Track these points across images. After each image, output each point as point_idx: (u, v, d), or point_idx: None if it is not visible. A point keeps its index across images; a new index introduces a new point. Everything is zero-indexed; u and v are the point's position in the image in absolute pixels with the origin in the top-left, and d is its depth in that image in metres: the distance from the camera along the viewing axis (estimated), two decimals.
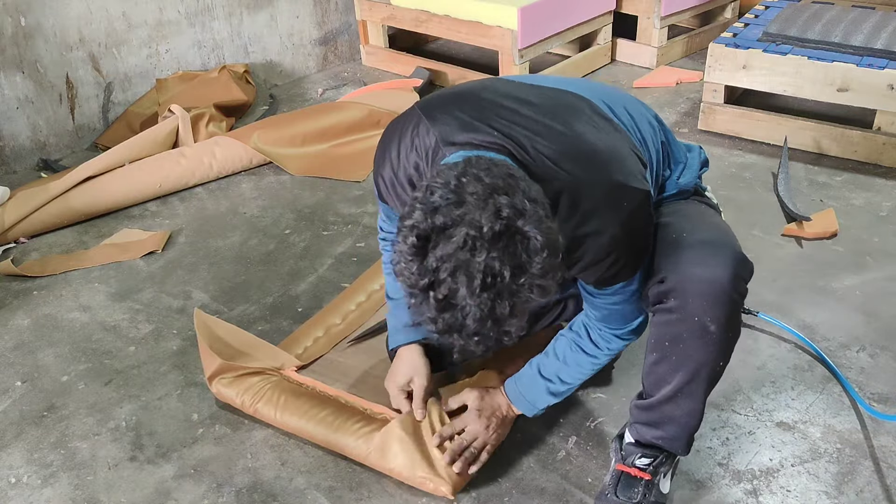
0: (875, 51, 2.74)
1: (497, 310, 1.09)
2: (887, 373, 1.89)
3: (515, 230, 1.08)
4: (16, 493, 1.67)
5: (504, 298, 1.09)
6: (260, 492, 1.65)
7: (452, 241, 1.08)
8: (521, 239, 1.09)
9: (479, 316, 1.09)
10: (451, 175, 1.13)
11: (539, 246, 1.09)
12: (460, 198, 1.10)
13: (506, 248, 1.07)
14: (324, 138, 2.93)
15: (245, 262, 2.40)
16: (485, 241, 1.07)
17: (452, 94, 1.44)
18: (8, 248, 2.49)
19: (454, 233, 1.08)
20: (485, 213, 1.08)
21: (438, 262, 1.08)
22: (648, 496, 1.54)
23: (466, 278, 1.08)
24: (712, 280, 1.35)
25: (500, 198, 1.09)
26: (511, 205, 1.09)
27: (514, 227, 1.08)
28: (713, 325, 1.38)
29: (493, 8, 3.27)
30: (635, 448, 1.55)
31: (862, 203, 2.56)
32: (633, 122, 1.47)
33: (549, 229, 1.11)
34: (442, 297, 1.09)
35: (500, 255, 1.07)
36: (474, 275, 1.07)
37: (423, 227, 1.10)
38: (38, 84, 2.90)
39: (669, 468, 1.58)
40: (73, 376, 1.98)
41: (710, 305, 1.37)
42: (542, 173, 1.27)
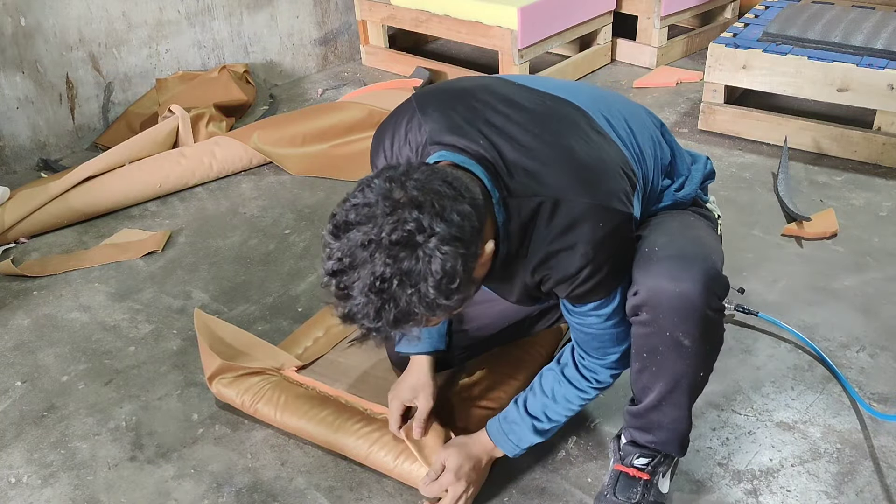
0: (875, 51, 2.74)
1: (384, 313, 1.14)
2: (887, 373, 1.89)
3: (414, 244, 1.12)
4: (16, 493, 1.67)
5: (391, 304, 1.13)
6: (260, 492, 1.65)
7: (354, 238, 1.13)
8: (420, 254, 1.12)
9: (369, 314, 1.14)
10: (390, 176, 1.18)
11: (435, 265, 1.12)
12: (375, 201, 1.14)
13: (398, 258, 1.11)
14: (324, 138, 2.93)
15: (245, 262, 2.40)
16: (381, 246, 1.12)
17: (450, 90, 1.44)
18: (8, 248, 2.50)
19: (360, 230, 1.13)
20: (388, 220, 1.12)
21: (342, 254, 1.14)
22: (647, 496, 1.54)
23: (360, 276, 1.13)
24: (682, 295, 1.34)
25: (411, 211, 1.13)
26: (417, 220, 1.12)
27: (413, 241, 1.12)
28: (686, 339, 1.38)
29: (493, 8, 3.27)
30: (633, 448, 1.55)
31: (862, 203, 2.56)
32: (632, 136, 1.44)
33: (451, 253, 1.13)
34: (342, 286, 1.14)
35: (392, 264, 1.11)
36: (366, 275, 1.12)
37: (339, 220, 1.15)
38: (38, 84, 2.90)
39: (668, 468, 1.58)
40: (73, 376, 1.98)
41: (681, 321, 1.37)
42: (521, 187, 1.28)
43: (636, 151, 1.43)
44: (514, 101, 1.38)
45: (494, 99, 1.38)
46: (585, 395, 1.52)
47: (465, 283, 1.17)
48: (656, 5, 3.52)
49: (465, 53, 3.90)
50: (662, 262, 1.35)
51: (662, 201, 1.53)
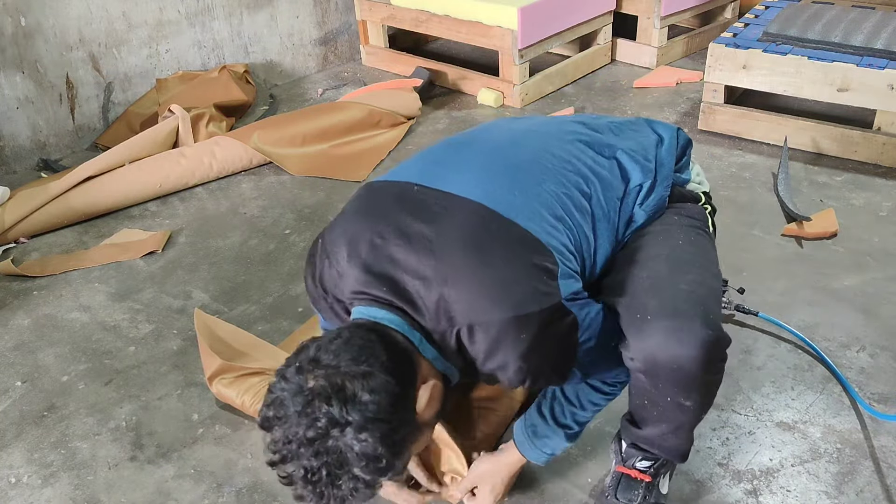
0: (875, 51, 2.74)
1: (326, 498, 1.18)
2: (887, 373, 1.89)
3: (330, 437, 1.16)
4: (16, 493, 1.67)
5: (330, 490, 1.18)
6: (260, 492, 1.65)
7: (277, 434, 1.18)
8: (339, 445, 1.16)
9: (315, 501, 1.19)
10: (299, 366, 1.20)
11: (357, 454, 1.16)
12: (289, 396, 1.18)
13: (320, 452, 1.16)
14: (324, 138, 2.93)
15: (245, 262, 2.40)
16: (301, 444, 1.16)
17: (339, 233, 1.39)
18: (8, 248, 2.50)
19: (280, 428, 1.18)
20: (302, 419, 1.16)
21: (274, 446, 1.19)
22: (648, 497, 1.54)
23: (294, 469, 1.18)
24: (680, 368, 1.30)
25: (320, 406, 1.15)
26: (328, 414, 1.15)
27: (329, 435, 1.16)
28: (688, 402, 1.37)
29: (493, 8, 3.27)
30: (636, 451, 1.54)
31: (862, 203, 2.56)
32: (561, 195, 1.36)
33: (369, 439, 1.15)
34: (283, 476, 1.20)
35: (316, 457, 1.16)
36: (298, 467, 1.17)
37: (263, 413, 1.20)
38: (38, 84, 2.90)
39: (670, 469, 1.57)
40: (73, 376, 1.98)
41: (681, 390, 1.35)
42: (435, 323, 1.28)
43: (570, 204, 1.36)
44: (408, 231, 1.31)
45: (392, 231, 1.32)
46: (610, 395, 1.48)
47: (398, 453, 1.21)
48: (656, 5, 3.52)
49: (465, 53, 3.90)
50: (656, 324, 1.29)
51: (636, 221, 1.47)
